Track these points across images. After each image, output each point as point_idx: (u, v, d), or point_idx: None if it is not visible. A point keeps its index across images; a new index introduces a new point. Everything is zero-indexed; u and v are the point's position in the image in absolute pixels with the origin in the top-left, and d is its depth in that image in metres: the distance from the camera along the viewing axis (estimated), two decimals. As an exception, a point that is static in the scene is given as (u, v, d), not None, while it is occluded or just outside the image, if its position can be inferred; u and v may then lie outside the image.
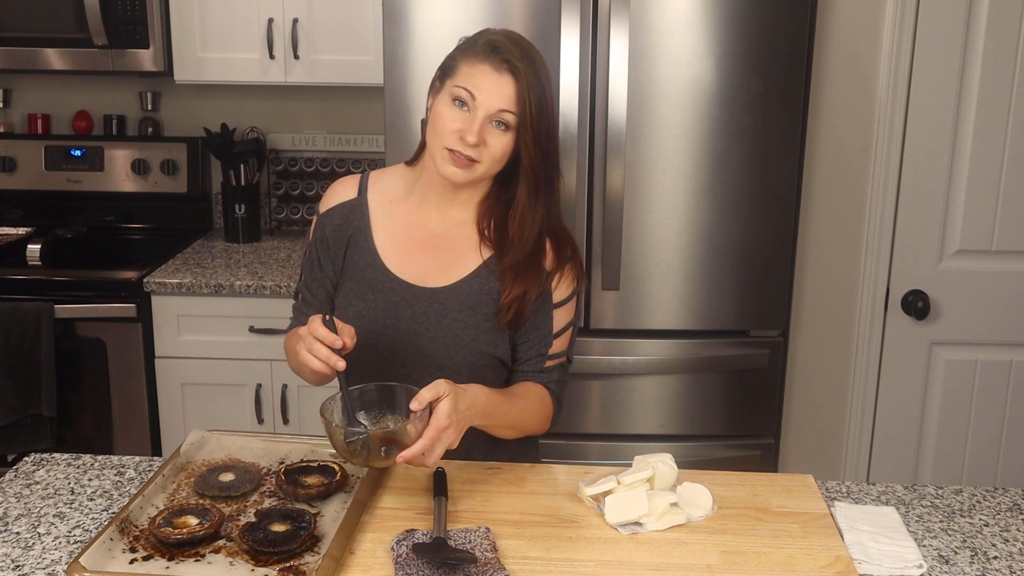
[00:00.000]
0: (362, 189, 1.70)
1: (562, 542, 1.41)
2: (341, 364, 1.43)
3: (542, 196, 1.59)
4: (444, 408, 1.39)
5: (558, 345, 1.68)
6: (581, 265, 1.68)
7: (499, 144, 1.53)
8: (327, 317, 1.45)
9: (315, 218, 1.72)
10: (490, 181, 1.63)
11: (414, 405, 1.39)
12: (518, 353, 1.67)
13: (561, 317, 1.67)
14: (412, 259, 1.65)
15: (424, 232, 1.66)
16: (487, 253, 1.64)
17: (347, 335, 1.45)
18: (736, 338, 2.57)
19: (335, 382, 1.55)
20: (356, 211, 1.68)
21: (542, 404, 1.67)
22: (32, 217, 3.30)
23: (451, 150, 1.52)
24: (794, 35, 2.40)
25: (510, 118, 1.52)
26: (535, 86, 1.51)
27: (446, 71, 1.56)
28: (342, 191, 1.71)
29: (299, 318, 1.73)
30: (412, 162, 1.70)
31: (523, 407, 1.63)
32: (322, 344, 1.42)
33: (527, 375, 1.68)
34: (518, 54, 1.51)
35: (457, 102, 1.53)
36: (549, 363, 1.68)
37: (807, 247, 2.75)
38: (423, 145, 1.65)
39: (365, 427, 1.44)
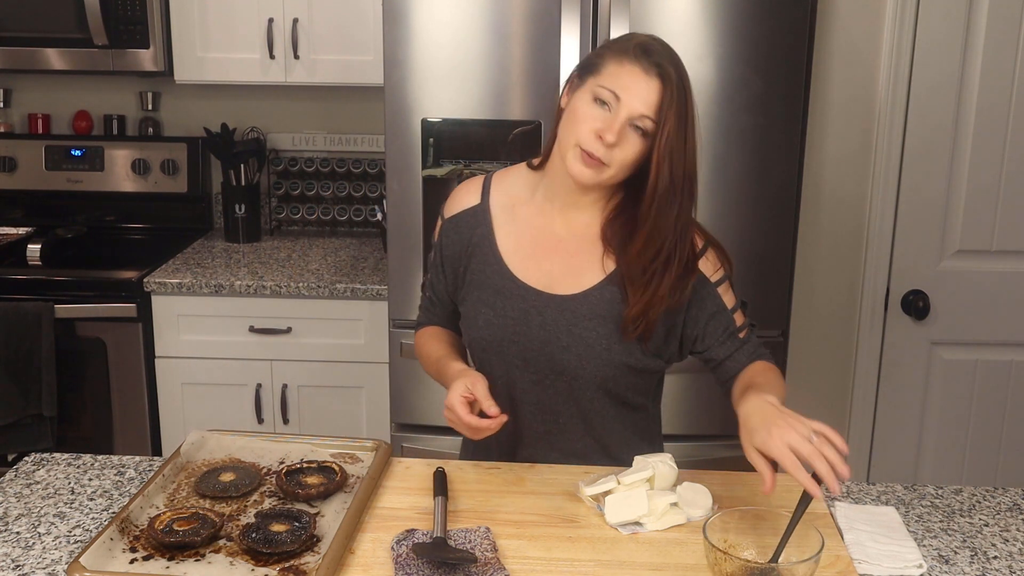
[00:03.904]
0: (485, 193, 1.66)
1: (562, 542, 1.41)
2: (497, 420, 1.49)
3: (672, 213, 1.49)
4: (797, 440, 1.33)
5: (738, 319, 1.62)
6: (723, 251, 1.62)
7: (633, 149, 1.47)
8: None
9: (440, 222, 1.69)
10: (618, 188, 1.57)
11: (816, 492, 1.30)
12: (706, 344, 1.60)
13: (727, 297, 1.61)
14: (537, 264, 1.61)
15: (549, 236, 1.62)
16: (611, 264, 1.58)
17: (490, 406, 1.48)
18: (736, 338, 2.57)
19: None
20: (479, 217, 1.65)
21: (780, 377, 1.61)
22: (32, 217, 3.30)
23: (584, 149, 1.47)
24: (794, 35, 2.40)
25: (649, 124, 1.45)
26: (679, 98, 1.46)
27: (587, 68, 1.50)
28: (465, 197, 1.67)
29: (427, 315, 1.77)
30: (536, 164, 1.64)
31: (779, 386, 1.56)
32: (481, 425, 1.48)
33: (737, 361, 1.60)
34: (669, 60, 1.47)
35: (598, 101, 1.47)
36: (741, 334, 1.61)
37: (807, 247, 2.74)
38: (550, 147, 1.58)
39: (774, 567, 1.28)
